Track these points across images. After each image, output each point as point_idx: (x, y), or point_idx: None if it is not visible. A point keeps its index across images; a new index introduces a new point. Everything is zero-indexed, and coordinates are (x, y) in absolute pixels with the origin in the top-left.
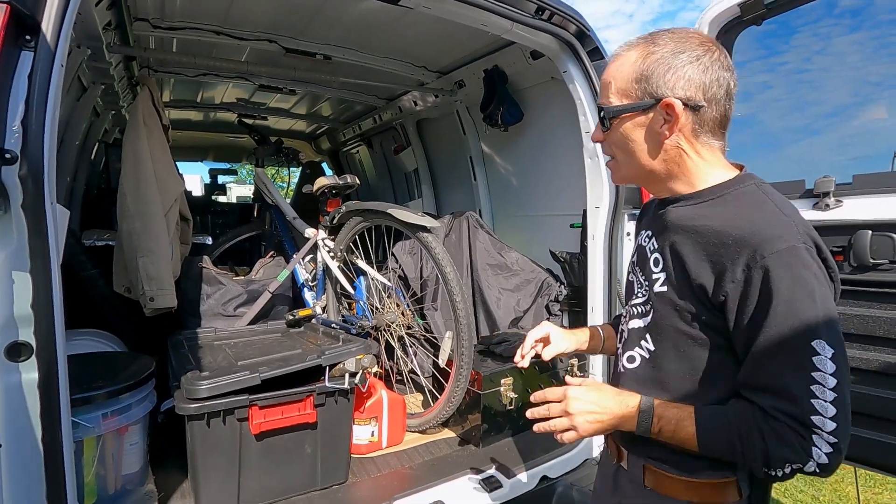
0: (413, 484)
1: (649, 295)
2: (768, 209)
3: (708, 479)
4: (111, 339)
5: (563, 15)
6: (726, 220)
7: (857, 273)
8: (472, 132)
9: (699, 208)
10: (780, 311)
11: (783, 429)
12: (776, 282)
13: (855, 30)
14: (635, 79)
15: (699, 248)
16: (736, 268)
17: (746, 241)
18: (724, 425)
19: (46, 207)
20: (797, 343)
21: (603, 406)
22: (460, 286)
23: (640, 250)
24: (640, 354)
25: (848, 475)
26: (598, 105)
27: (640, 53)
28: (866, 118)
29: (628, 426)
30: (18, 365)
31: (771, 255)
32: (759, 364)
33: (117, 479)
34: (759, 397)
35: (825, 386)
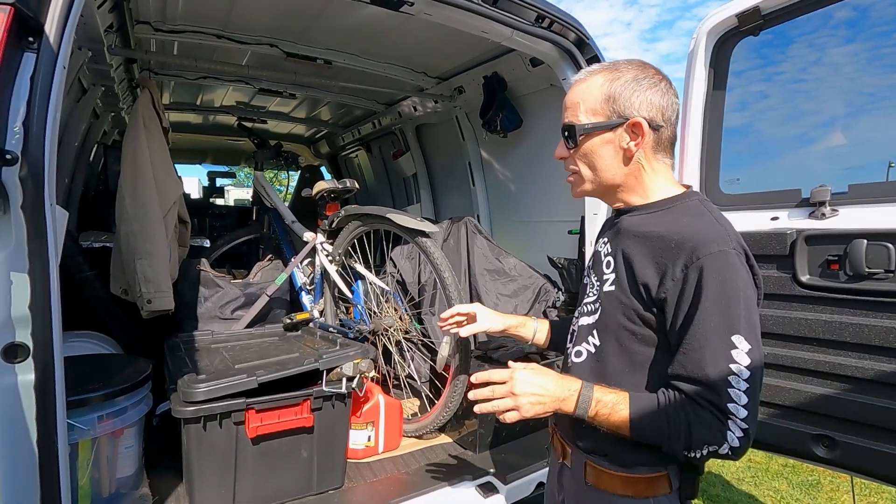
0: (409, 489)
1: (599, 294)
2: (707, 220)
3: (642, 475)
4: (107, 342)
5: (562, 23)
6: (670, 227)
7: (852, 282)
8: (471, 138)
9: (649, 217)
10: (708, 307)
11: (705, 414)
12: (708, 280)
13: (850, 41)
14: (604, 99)
15: (646, 251)
16: (676, 267)
17: (685, 244)
18: (654, 410)
19: (46, 209)
20: (720, 337)
21: (546, 388)
22: (458, 291)
23: (595, 255)
24: (587, 349)
25: (844, 484)
26: (565, 124)
27: (607, 77)
28: (861, 128)
29: (567, 408)
30: (15, 366)
31: (706, 256)
32: (687, 355)
33: (112, 482)
34: (686, 385)
35: (740, 377)
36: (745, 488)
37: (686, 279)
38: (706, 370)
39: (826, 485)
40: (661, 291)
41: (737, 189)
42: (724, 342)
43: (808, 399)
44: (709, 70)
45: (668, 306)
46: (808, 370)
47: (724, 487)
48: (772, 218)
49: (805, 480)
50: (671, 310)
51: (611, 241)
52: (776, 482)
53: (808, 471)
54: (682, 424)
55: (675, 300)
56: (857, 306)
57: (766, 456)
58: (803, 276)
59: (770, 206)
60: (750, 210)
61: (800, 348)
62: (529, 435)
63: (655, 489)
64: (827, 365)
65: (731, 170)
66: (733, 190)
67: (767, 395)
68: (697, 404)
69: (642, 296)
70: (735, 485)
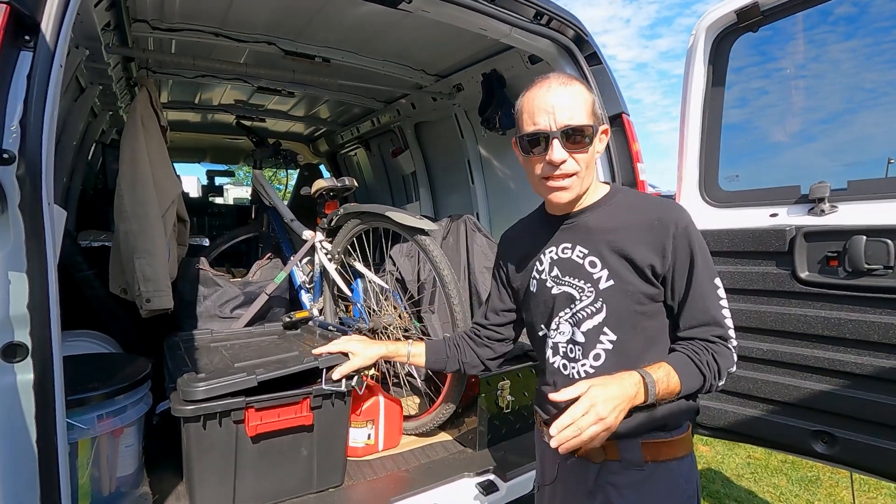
0: (409, 487)
1: (595, 293)
2: (652, 198)
3: (685, 433)
4: (107, 341)
5: (561, 20)
6: (641, 212)
7: (851, 278)
8: (470, 136)
9: (608, 210)
10: (699, 263)
11: (720, 348)
12: (693, 241)
13: (850, 37)
14: (593, 105)
15: (636, 238)
16: (668, 239)
17: (664, 218)
18: (692, 365)
19: (44, 208)
20: (710, 283)
21: (622, 395)
22: (458, 289)
23: (560, 262)
24: (604, 349)
25: (843, 480)
26: (577, 125)
27: (583, 85)
28: (861, 124)
29: (639, 401)
30: (14, 366)
31: (684, 222)
32: (695, 306)
33: (112, 481)
34: (699, 332)
35: (725, 307)
36: (745, 484)
37: (677, 248)
38: (711, 313)
39: (825, 481)
40: (664, 265)
41: (736, 186)
42: (713, 286)
43: (808, 395)
44: (708, 67)
45: (671, 275)
46: (808, 366)
47: (724, 484)
48: (771, 214)
49: (804, 476)
50: (673, 276)
51: (580, 243)
52: (775, 478)
53: (808, 467)
54: (713, 364)
55: (675, 267)
56: (857, 303)
57: (766, 452)
58: (802, 272)
59: (769, 202)
60: (749, 207)
61: (799, 345)
62: (529, 433)
63: (691, 439)
64: (826, 361)
65: (731, 166)
66: (732, 187)
67: (767, 391)
68: (713, 343)
69: (647, 277)
70: (734, 481)
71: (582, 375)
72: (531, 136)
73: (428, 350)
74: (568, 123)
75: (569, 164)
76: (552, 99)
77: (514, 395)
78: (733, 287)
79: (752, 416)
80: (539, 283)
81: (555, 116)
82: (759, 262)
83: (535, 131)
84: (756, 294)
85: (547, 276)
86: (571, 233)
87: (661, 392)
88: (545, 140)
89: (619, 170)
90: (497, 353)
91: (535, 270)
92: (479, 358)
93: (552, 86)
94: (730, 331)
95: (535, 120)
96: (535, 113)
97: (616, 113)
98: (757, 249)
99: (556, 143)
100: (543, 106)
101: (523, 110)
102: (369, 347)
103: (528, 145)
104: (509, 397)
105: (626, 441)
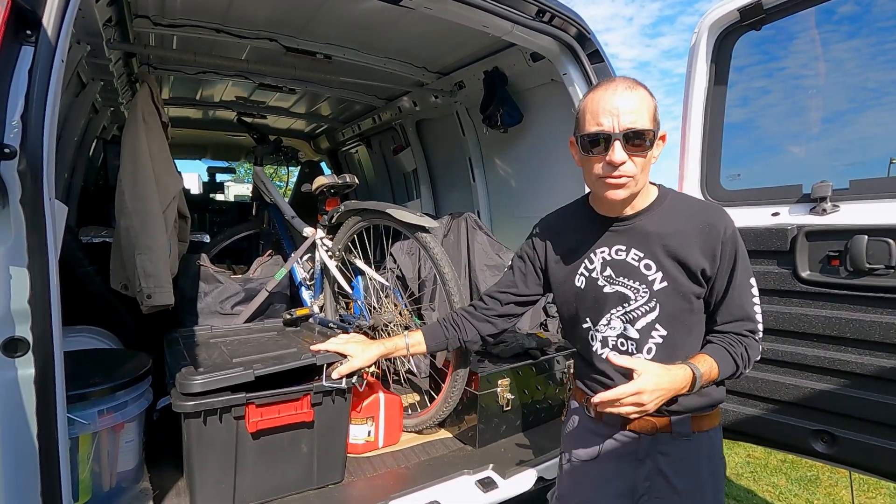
0: (409, 484)
1: (651, 293)
2: (699, 202)
3: (717, 408)
4: (107, 337)
5: (563, 17)
6: (690, 217)
7: (853, 278)
8: (471, 133)
9: (662, 215)
10: (740, 265)
11: (751, 341)
12: (738, 245)
13: (853, 36)
14: (654, 111)
15: (690, 243)
16: (717, 245)
17: (713, 224)
18: (729, 356)
19: (45, 203)
20: (748, 283)
21: (670, 388)
22: (458, 286)
23: (614, 264)
24: (655, 343)
25: (842, 479)
26: (639, 129)
27: (646, 92)
28: (863, 124)
29: (684, 391)
30: (14, 360)
31: (730, 228)
32: (733, 303)
33: (112, 476)
34: (734, 326)
35: (758, 304)
36: (744, 483)
37: (724, 252)
38: (747, 309)
39: (825, 480)
40: (713, 268)
41: (738, 185)
42: (749, 286)
43: (808, 395)
44: (710, 65)
45: (718, 277)
46: (808, 366)
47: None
48: (772, 213)
49: (804, 476)
50: (719, 278)
51: (635, 246)
52: (775, 477)
53: (807, 466)
54: (745, 355)
55: (720, 269)
56: (858, 302)
57: (765, 451)
58: (804, 271)
59: (771, 201)
60: (751, 206)
61: (800, 344)
62: (529, 430)
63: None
64: (827, 361)
65: (732, 166)
66: (734, 186)
67: (767, 390)
68: (745, 336)
69: (699, 279)
70: (734, 480)
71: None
72: (592, 136)
73: (426, 336)
74: (631, 126)
75: (627, 167)
76: (617, 101)
77: (513, 394)
78: None
79: (752, 415)
80: (589, 281)
81: (619, 119)
82: (761, 261)
83: (598, 132)
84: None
85: (599, 275)
86: (626, 236)
87: (704, 382)
88: (606, 141)
89: None
90: (498, 329)
91: (583, 267)
92: (480, 333)
93: (618, 89)
94: (759, 325)
95: (598, 120)
96: (598, 114)
97: None
98: (758, 248)
99: (617, 144)
100: (608, 107)
101: (587, 110)
102: (367, 349)
103: (589, 145)
104: (509, 395)
105: (679, 416)
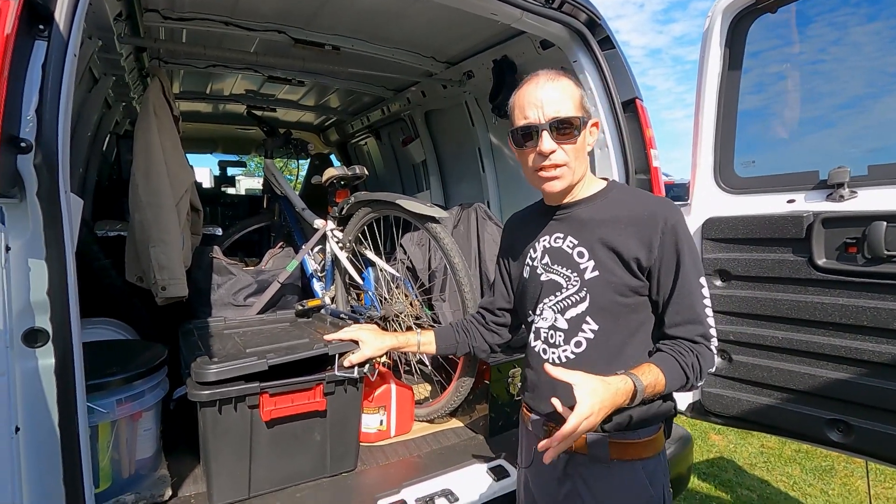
0: (421, 472)
1: (581, 283)
2: (645, 193)
3: (655, 435)
4: (123, 328)
5: (573, 3)
6: (632, 207)
7: (871, 265)
8: (480, 123)
9: (602, 204)
10: (686, 260)
11: (703, 349)
12: (681, 237)
13: (872, 19)
14: (580, 98)
15: (625, 231)
16: (655, 235)
17: (655, 213)
18: (677, 367)
19: (61, 196)
20: (696, 282)
21: (611, 404)
22: (468, 277)
23: (552, 251)
24: (585, 338)
25: (858, 469)
26: (565, 117)
27: (570, 80)
28: (882, 109)
29: (623, 404)
30: (35, 351)
31: (674, 219)
32: (681, 303)
33: (131, 463)
34: (683, 330)
35: (710, 307)
36: (758, 473)
37: (665, 242)
38: (696, 310)
39: (840, 470)
40: (650, 259)
41: (752, 172)
42: (698, 285)
43: (824, 384)
44: (724, 50)
45: (657, 269)
46: (824, 354)
47: (737, 472)
48: (788, 201)
49: (819, 466)
50: (659, 271)
51: (571, 233)
52: (789, 467)
53: (822, 456)
54: (696, 365)
55: (661, 262)
56: (876, 290)
57: (780, 441)
58: (820, 259)
59: (786, 188)
60: (766, 193)
61: (815, 332)
62: None
63: (661, 442)
64: (843, 349)
65: (747, 152)
66: (749, 173)
67: (782, 379)
68: (696, 343)
69: (633, 270)
70: (747, 470)
71: (562, 360)
72: (523, 130)
73: (438, 337)
74: (555, 116)
75: (558, 155)
76: (540, 93)
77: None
78: (748, 274)
79: (766, 405)
80: (531, 270)
81: (543, 110)
82: (776, 248)
83: (526, 125)
84: (772, 281)
85: (538, 263)
86: (565, 223)
87: (646, 396)
88: (536, 133)
89: (631, 156)
90: (504, 339)
91: (528, 258)
92: (488, 343)
93: (540, 82)
94: (711, 329)
95: (525, 114)
96: (525, 108)
97: (629, 98)
98: (773, 236)
99: (545, 134)
100: (533, 100)
101: (515, 106)
102: (380, 338)
103: (521, 139)
104: (520, 384)
105: (595, 437)
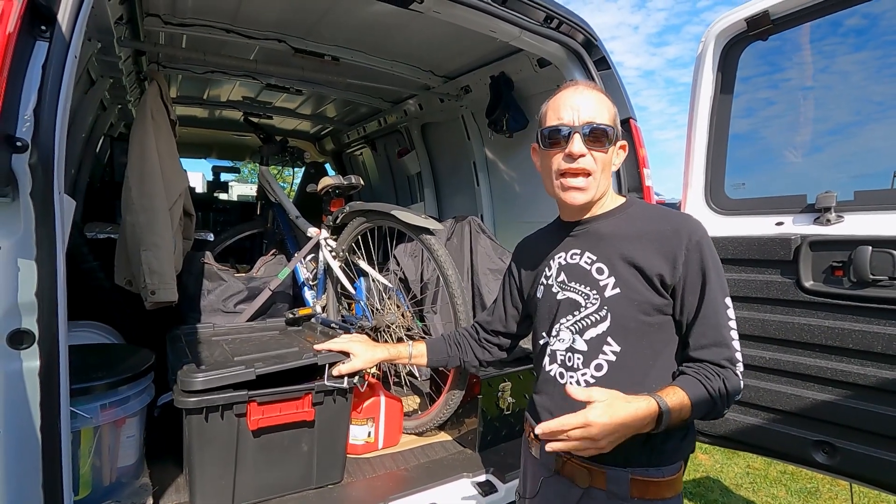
0: (408, 486)
1: (601, 300)
2: (669, 209)
3: (677, 474)
4: (110, 332)
5: (571, 24)
6: (654, 222)
7: (856, 288)
8: (476, 138)
9: (621, 220)
10: (712, 278)
11: (729, 374)
12: (706, 254)
13: (859, 49)
14: (615, 115)
15: (648, 247)
16: (680, 251)
17: (679, 229)
18: (703, 391)
19: (54, 197)
20: (723, 302)
21: (629, 425)
22: (461, 289)
23: (568, 268)
24: (607, 360)
25: (843, 492)
26: (600, 124)
27: (608, 98)
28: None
29: (646, 428)
30: (20, 352)
31: (698, 235)
32: (707, 323)
33: (113, 471)
34: (709, 353)
35: (735, 330)
36: (744, 494)
37: (689, 259)
38: (722, 332)
39: (825, 492)
40: (674, 276)
41: (742, 194)
42: (724, 306)
43: (809, 405)
44: (716, 74)
45: (681, 287)
46: (810, 376)
47: (723, 493)
48: (776, 223)
49: (803, 488)
50: (683, 290)
51: (589, 249)
52: (774, 489)
53: (807, 478)
54: (723, 390)
55: (686, 280)
56: (861, 313)
57: (765, 462)
58: (807, 281)
59: (775, 211)
60: (755, 215)
61: (802, 354)
62: None
63: (681, 481)
64: (829, 371)
65: (737, 175)
66: (739, 195)
67: (768, 400)
68: (723, 367)
69: (657, 286)
70: (733, 490)
71: (581, 385)
72: (553, 129)
73: (429, 349)
74: (590, 121)
75: (587, 160)
76: (578, 98)
77: (514, 397)
78: (737, 295)
79: (752, 425)
80: (545, 289)
81: (579, 113)
82: (764, 270)
83: (559, 125)
84: (760, 302)
85: (553, 280)
86: (582, 239)
87: (673, 420)
88: (567, 134)
89: (625, 174)
90: (495, 357)
91: (542, 276)
92: (479, 358)
93: (580, 88)
94: (738, 353)
95: (559, 115)
96: (559, 109)
97: (624, 118)
98: (762, 258)
99: (577, 136)
100: (570, 103)
101: (549, 109)
102: (371, 350)
103: (549, 140)
104: (510, 399)
105: (616, 472)
